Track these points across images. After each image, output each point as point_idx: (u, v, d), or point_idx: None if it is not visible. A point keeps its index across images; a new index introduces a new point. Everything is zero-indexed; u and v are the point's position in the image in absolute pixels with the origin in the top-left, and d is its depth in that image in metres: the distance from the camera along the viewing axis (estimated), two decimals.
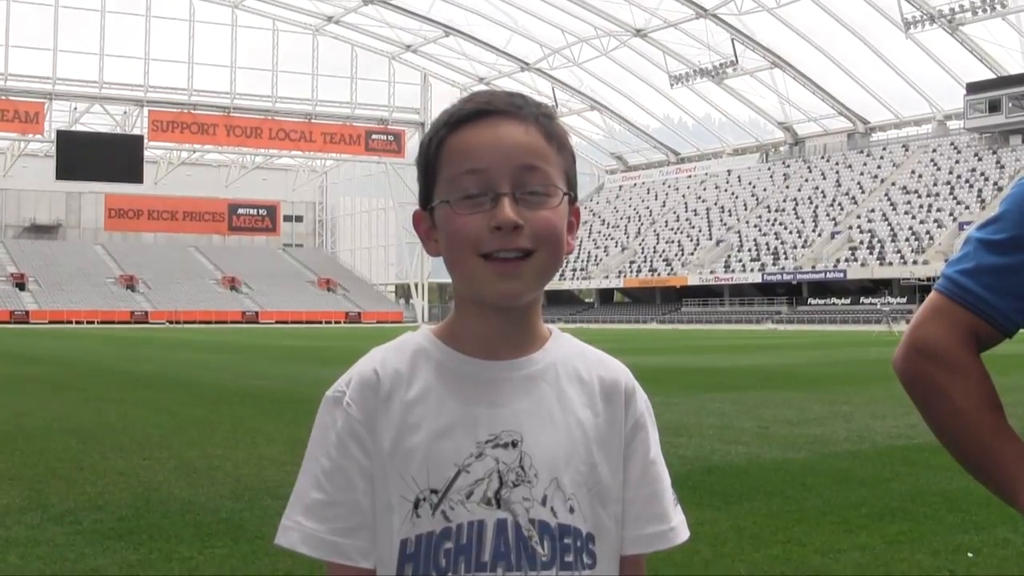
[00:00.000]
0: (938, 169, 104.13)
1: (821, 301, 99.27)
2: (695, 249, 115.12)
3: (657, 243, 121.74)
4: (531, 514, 1.81)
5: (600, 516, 1.88)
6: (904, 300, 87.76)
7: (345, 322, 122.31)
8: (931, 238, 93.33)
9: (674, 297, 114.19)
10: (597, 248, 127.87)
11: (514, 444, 1.83)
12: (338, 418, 1.86)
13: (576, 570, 1.83)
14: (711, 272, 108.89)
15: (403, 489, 1.81)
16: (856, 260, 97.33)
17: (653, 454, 1.98)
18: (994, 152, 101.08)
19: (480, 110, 1.87)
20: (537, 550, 1.80)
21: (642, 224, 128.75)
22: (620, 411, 1.95)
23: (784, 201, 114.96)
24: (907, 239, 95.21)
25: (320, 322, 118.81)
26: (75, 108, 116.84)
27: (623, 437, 1.94)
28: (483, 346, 1.89)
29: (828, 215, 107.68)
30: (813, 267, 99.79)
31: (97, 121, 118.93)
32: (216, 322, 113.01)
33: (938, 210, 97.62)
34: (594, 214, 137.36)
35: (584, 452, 1.88)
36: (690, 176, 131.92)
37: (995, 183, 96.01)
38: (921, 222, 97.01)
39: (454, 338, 1.90)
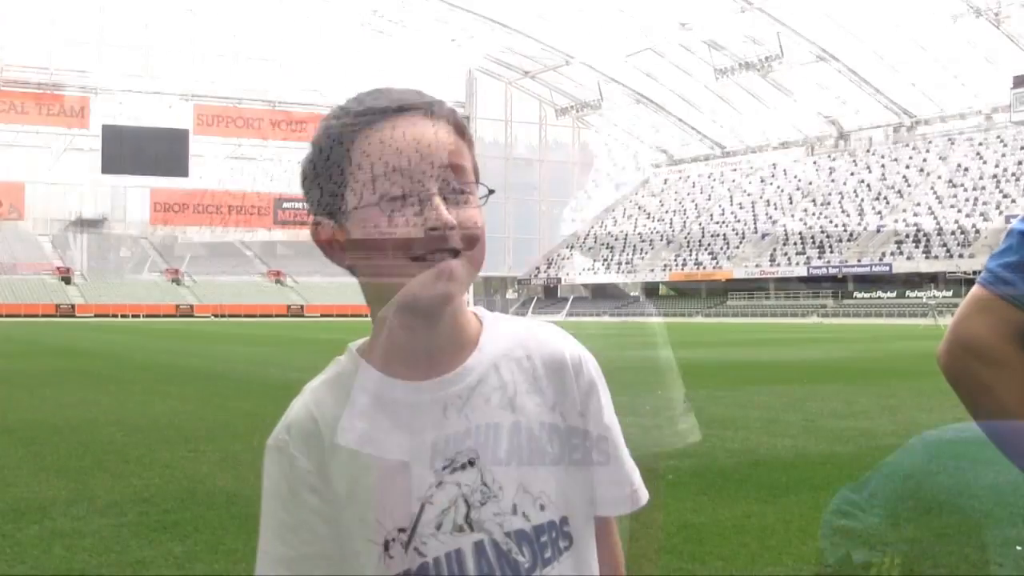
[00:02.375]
0: (984, 163, 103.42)
1: (867, 295, 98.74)
2: (740, 243, 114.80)
3: (702, 237, 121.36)
4: (505, 528, 1.74)
5: (570, 494, 1.81)
6: (950, 294, 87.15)
7: None
8: (977, 232, 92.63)
9: (719, 291, 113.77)
10: (643, 242, 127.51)
11: (472, 463, 1.74)
12: (286, 468, 1.76)
13: (555, 559, 1.77)
14: (756, 266, 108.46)
15: (367, 533, 1.72)
16: (902, 254, 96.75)
17: (607, 418, 1.90)
18: None
19: (391, 107, 1.74)
20: (519, 560, 1.73)
21: (687, 218, 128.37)
22: (571, 383, 1.85)
23: (829, 195, 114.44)
24: (953, 233, 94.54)
25: (366, 315, 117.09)
26: (121, 102, 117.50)
27: (578, 406, 1.85)
28: (416, 364, 1.78)
29: (874, 208, 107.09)
30: (859, 260, 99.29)
31: (143, 115, 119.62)
32: (261, 316, 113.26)
33: (984, 204, 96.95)
34: (639, 208, 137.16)
35: (542, 445, 1.80)
36: (735, 170, 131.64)
37: None
38: (967, 216, 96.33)
39: (385, 361, 1.80)
